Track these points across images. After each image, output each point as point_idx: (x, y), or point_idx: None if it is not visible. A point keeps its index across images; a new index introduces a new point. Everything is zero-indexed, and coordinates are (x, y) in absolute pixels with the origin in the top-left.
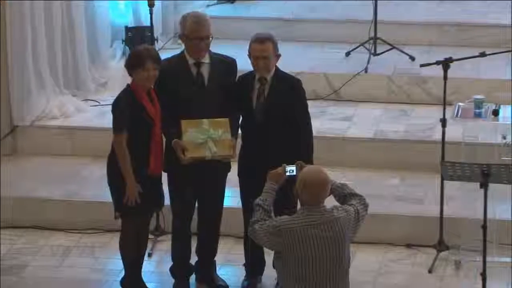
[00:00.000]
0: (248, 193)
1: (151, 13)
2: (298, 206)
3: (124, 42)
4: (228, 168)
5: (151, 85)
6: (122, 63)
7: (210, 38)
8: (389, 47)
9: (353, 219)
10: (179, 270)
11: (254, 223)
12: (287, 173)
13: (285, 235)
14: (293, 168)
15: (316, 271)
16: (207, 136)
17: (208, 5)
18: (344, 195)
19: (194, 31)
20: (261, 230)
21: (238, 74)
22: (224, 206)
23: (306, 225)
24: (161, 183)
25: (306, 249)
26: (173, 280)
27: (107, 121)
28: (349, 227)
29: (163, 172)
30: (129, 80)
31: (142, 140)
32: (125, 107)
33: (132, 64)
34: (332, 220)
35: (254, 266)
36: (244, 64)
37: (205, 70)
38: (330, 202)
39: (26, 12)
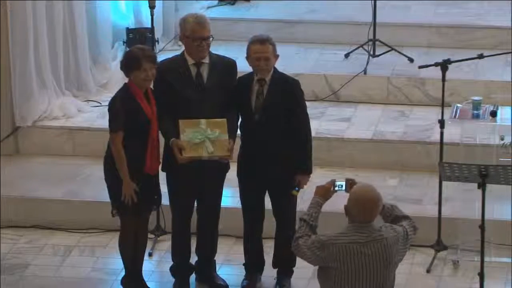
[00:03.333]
0: (247, 193)
1: (152, 15)
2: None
3: (125, 43)
4: (227, 168)
5: (149, 85)
6: None
7: (211, 38)
8: (388, 48)
9: (401, 239)
10: (179, 270)
11: (298, 238)
12: (336, 188)
13: (329, 250)
14: (342, 183)
15: None
16: (205, 136)
17: (208, 7)
18: (394, 217)
19: (196, 32)
20: (304, 246)
21: (238, 75)
22: (224, 206)
23: (352, 242)
24: (158, 183)
25: (349, 266)
26: (173, 280)
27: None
28: (397, 247)
29: (162, 172)
30: None
31: (139, 139)
32: (121, 106)
33: (129, 66)
34: (380, 239)
35: (253, 266)
36: (245, 66)
37: (204, 71)
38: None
39: (28, 13)
